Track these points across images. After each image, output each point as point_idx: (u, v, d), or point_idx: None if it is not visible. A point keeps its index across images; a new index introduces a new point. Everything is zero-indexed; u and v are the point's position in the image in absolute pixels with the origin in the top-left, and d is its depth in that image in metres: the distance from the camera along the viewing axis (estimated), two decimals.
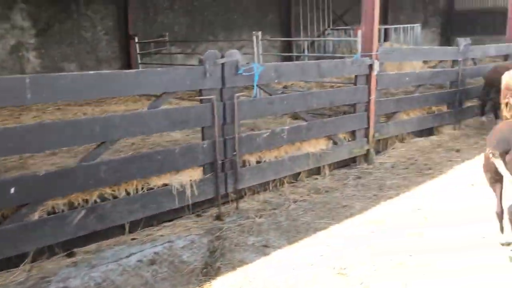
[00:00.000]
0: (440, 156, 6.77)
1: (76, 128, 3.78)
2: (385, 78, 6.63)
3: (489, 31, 18.86)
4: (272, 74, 5.05)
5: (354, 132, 6.29)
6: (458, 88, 8.00)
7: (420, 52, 7.19)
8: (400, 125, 7.12)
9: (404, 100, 7.07)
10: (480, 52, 8.57)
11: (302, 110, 5.56)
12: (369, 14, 6.18)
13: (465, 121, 8.49)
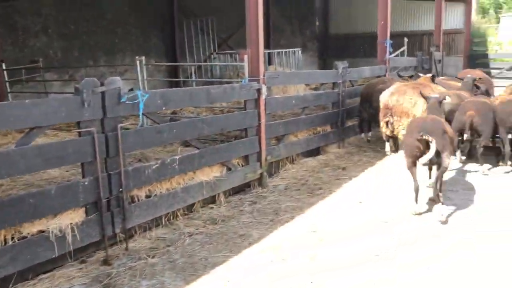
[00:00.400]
0: (328, 175, 6.97)
1: None
2: (273, 102, 6.70)
3: (360, 54, 20.57)
4: (158, 101, 4.77)
5: (247, 156, 6.21)
6: (339, 108, 8.40)
7: (304, 76, 7.43)
8: (290, 147, 7.23)
9: (292, 122, 7.21)
10: (357, 74, 9.13)
11: (193, 137, 5.34)
12: (254, 39, 6.21)
13: (348, 139, 8.93)
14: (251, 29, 6.19)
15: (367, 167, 7.36)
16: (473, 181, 6.43)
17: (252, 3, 6.14)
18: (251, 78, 6.23)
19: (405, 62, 12.13)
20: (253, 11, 6.14)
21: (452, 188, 6.13)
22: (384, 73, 10.41)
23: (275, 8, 16.55)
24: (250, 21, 6.18)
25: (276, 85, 7.68)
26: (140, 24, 11.57)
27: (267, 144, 6.60)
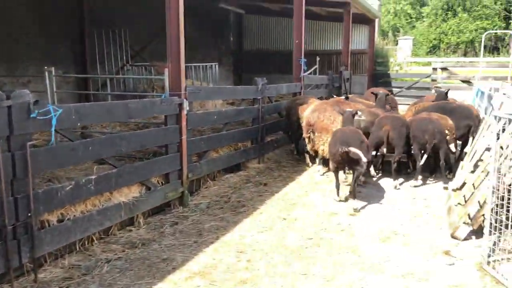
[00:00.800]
0: (251, 192, 6.90)
1: None
2: (195, 117, 6.51)
3: (274, 70, 21.02)
4: (73, 116, 4.37)
5: (168, 174, 5.94)
6: (259, 124, 8.42)
7: (225, 91, 7.34)
8: (211, 163, 7.06)
9: (214, 138, 7.06)
10: (275, 91, 9.24)
11: (110, 155, 4.97)
12: (175, 53, 6.00)
13: (267, 155, 8.97)
14: (172, 43, 5.98)
15: (287, 182, 7.41)
16: (384, 194, 6.74)
17: (173, 17, 5.94)
18: (172, 92, 6.00)
19: (318, 80, 12.56)
20: (174, 25, 5.94)
21: (366, 200, 6.36)
22: (299, 90, 10.68)
23: (190, 22, 16.35)
24: (171, 35, 5.96)
25: (198, 101, 7.50)
26: (47, 32, 10.74)
27: (189, 161, 6.38)
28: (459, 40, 32.43)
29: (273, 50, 20.97)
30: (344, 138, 6.06)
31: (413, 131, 7.00)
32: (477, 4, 32.53)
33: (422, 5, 36.69)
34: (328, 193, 6.81)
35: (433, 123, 6.89)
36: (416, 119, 7.17)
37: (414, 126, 7.04)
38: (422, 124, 6.98)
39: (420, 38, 33.85)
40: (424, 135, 6.88)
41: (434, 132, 6.83)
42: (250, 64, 21.05)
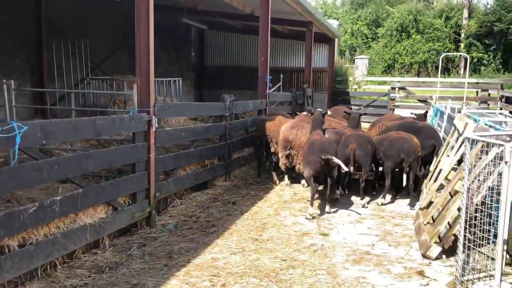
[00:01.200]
0: (219, 211, 6.75)
1: None
2: (163, 134, 6.32)
3: (235, 86, 21.05)
4: (38, 134, 4.11)
5: (135, 194, 5.71)
6: (226, 141, 8.31)
7: (194, 108, 7.20)
8: (179, 181, 6.87)
9: (182, 156, 6.88)
10: (242, 108, 9.17)
11: (77, 174, 4.71)
12: (144, 68, 5.83)
13: (234, 172, 8.85)
14: (141, 58, 5.81)
15: (256, 201, 7.30)
16: (353, 213, 6.76)
17: (142, 31, 5.79)
18: (141, 109, 5.81)
19: (282, 97, 12.62)
20: (144, 40, 5.79)
21: (336, 219, 6.36)
22: (265, 107, 10.67)
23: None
24: (140, 50, 5.79)
25: (167, 117, 7.31)
26: (1, 42, 10.25)
27: (156, 179, 6.17)
28: (412, 60, 33.61)
29: (234, 66, 21.05)
30: (323, 147, 6.45)
31: (387, 150, 7.03)
32: (429, 26, 33.94)
33: (378, 26, 37.89)
34: (297, 212, 6.76)
35: (408, 142, 6.99)
36: (390, 138, 7.14)
37: (387, 144, 7.05)
38: (397, 143, 7.00)
39: (376, 57, 34.86)
40: (400, 154, 6.93)
41: (409, 151, 6.94)
42: (211, 80, 21.00)
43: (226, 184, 8.27)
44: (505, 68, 32.95)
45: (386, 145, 7.08)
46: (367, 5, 40.22)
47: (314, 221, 6.39)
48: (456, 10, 34.67)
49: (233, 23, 18.98)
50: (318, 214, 6.64)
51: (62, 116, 10.20)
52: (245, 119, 9.64)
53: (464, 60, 31.50)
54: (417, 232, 5.74)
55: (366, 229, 6.12)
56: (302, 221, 6.37)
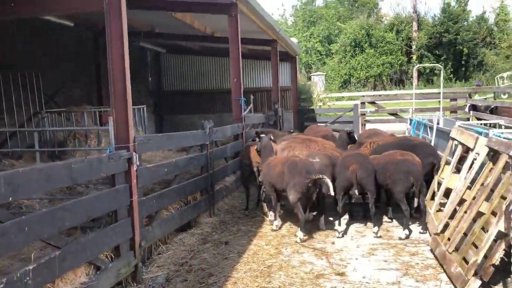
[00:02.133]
0: (213, 255, 5.92)
1: None
2: (145, 173, 5.47)
3: (196, 110, 20.30)
4: (2, 190, 3.22)
5: (119, 246, 4.82)
6: (208, 171, 7.53)
7: (175, 139, 6.39)
8: (164, 224, 6.01)
9: (165, 194, 6.03)
10: (221, 134, 8.43)
11: (53, 233, 3.81)
12: (120, 97, 5.01)
13: (217, 205, 8.05)
14: (116, 87, 5.00)
15: (251, 238, 6.53)
16: (360, 243, 6.13)
17: (116, 55, 4.99)
18: (119, 145, 4.98)
19: (256, 119, 11.99)
20: (118, 65, 4.99)
21: (346, 253, 5.70)
22: (241, 131, 9.99)
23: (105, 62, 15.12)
24: (114, 77, 4.98)
25: (148, 152, 6.47)
26: None
27: (140, 225, 5.30)
28: (368, 74, 34.10)
29: (194, 90, 20.32)
30: (308, 168, 6.28)
31: (394, 174, 6.40)
32: (382, 40, 34.62)
33: (330, 43, 38.32)
34: (301, 248, 6.05)
35: (415, 165, 6.40)
36: (396, 160, 6.51)
37: (393, 168, 6.42)
38: (404, 165, 6.39)
39: (332, 73, 35.13)
40: (409, 177, 6.32)
41: (419, 174, 6.37)
42: (171, 105, 20.18)
43: (211, 220, 7.45)
44: (456, 77, 34.03)
45: (392, 169, 6.43)
46: (319, 22, 40.70)
47: (323, 257, 5.69)
48: (405, 23, 35.64)
49: (192, 45, 18.29)
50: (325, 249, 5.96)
51: (14, 158, 9.08)
52: (224, 146, 8.91)
53: (438, 70, 32.28)
54: (443, 262, 5.15)
55: (383, 262, 5.48)
56: (309, 259, 5.65)
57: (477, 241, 4.86)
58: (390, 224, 7.02)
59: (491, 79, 32.15)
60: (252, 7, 10.42)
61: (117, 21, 4.92)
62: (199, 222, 7.25)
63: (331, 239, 6.38)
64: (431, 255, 5.64)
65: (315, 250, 5.95)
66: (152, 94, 19.79)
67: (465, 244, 4.99)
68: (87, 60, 14.42)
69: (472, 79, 33.55)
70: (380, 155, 7.05)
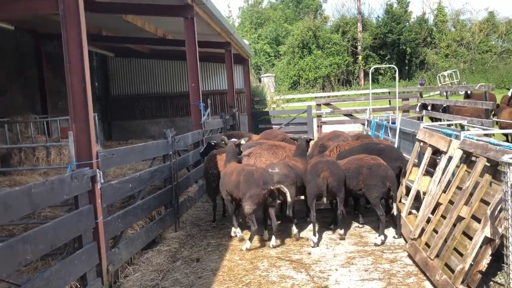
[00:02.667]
0: (185, 274, 5.54)
1: None
2: (109, 190, 5.01)
3: (146, 115, 19.65)
4: None
5: (85, 275, 4.36)
6: (172, 183, 7.13)
7: (137, 151, 5.94)
8: (131, 244, 5.56)
9: (131, 212, 5.58)
10: (183, 142, 8.04)
11: (11, 270, 3.32)
12: (80, 110, 4.56)
13: (182, 218, 7.66)
14: (76, 97, 4.54)
15: (223, 253, 6.20)
16: (335, 252, 5.98)
17: (75, 63, 4.53)
18: (80, 162, 4.52)
19: (216, 124, 11.64)
20: (78, 74, 4.53)
21: (323, 263, 5.51)
22: (202, 138, 9.63)
23: (48, 68, 14.28)
24: (74, 87, 4.54)
25: (111, 168, 5.97)
26: None
27: (107, 249, 4.85)
28: (316, 75, 34.54)
29: (144, 94, 19.64)
30: (264, 178, 6.10)
31: (368, 179, 6.27)
32: (328, 41, 35.18)
33: (278, 44, 38.52)
34: (278, 261, 5.79)
35: (389, 169, 6.30)
36: (369, 165, 6.37)
37: (367, 172, 6.28)
38: (379, 170, 6.26)
39: (281, 75, 35.30)
40: (385, 182, 6.21)
41: (393, 178, 6.29)
42: (120, 110, 19.43)
43: (178, 235, 7.03)
44: (400, 76, 35.15)
45: (366, 174, 6.30)
46: (266, 24, 40.81)
47: (302, 270, 5.46)
48: (351, 24, 36.41)
49: (141, 48, 17.63)
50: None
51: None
52: (186, 155, 8.50)
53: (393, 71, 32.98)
54: (425, 269, 5.06)
55: (364, 272, 5.32)
56: (288, 273, 5.41)
57: (459, 246, 4.82)
58: (362, 229, 6.92)
59: (433, 77, 33.52)
60: (208, 9, 10.10)
61: (74, 26, 4.48)
62: (165, 237, 6.83)
63: (306, 249, 6.17)
64: (410, 261, 5.56)
65: (292, 262, 5.72)
66: (99, 99, 18.91)
67: (446, 249, 4.93)
68: (29, 66, 13.50)
69: (415, 78, 34.83)
70: (349, 158, 6.93)
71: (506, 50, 36.38)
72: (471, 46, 36.13)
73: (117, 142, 16.88)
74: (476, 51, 35.95)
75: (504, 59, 35.43)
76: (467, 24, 38.51)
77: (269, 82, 28.38)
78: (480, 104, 9.91)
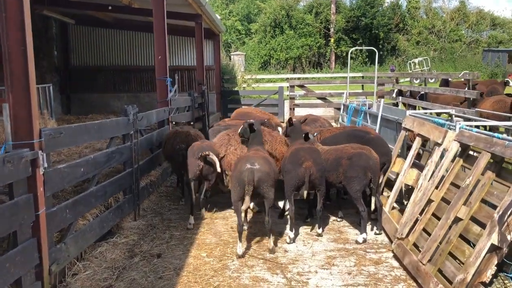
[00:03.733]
0: (144, 273, 4.83)
1: None
2: (56, 176, 4.20)
3: (109, 88, 18.50)
4: None
5: (20, 281, 3.58)
6: (133, 167, 6.34)
7: (92, 130, 5.09)
8: (81, 238, 4.77)
9: (82, 201, 4.78)
10: (146, 121, 7.22)
11: None
12: (19, 79, 3.72)
13: (143, 205, 6.91)
14: (14, 64, 3.69)
15: (188, 248, 5.51)
16: (317, 250, 5.40)
17: (12, 24, 3.67)
18: (18, 142, 3.70)
19: (183, 102, 10.80)
20: (16, 36, 3.67)
21: (307, 268, 4.92)
22: (167, 116, 8.82)
23: None
24: (11, 50, 3.67)
25: (59, 149, 5.12)
26: None
27: (50, 245, 4.07)
28: (287, 56, 33.85)
29: (107, 66, 18.42)
30: (201, 148, 6.16)
31: (348, 170, 5.66)
32: (301, 22, 34.45)
33: (250, 22, 37.50)
34: (250, 259, 5.16)
35: (372, 159, 5.72)
36: (351, 153, 5.73)
37: (347, 163, 5.70)
38: (361, 159, 5.64)
39: (252, 54, 34.41)
40: (367, 173, 5.64)
41: (376, 170, 5.72)
42: (81, 82, 18.16)
43: (137, 225, 6.28)
44: (370, 61, 34.94)
45: (346, 164, 5.72)
46: (238, 0, 39.61)
47: (278, 271, 4.84)
48: (324, 6, 35.74)
49: (104, 16, 16.39)
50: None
51: None
52: (150, 135, 7.68)
53: (373, 53, 32.65)
54: (417, 275, 4.53)
55: (347, 275, 4.75)
56: (262, 274, 4.78)
57: (455, 251, 4.31)
58: (341, 223, 6.37)
59: (403, 64, 33.47)
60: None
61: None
62: (123, 227, 6.07)
63: (281, 246, 5.56)
64: (396, 263, 5.03)
65: (266, 261, 5.09)
66: (58, 70, 17.59)
67: (440, 253, 4.43)
68: None
69: (386, 64, 34.70)
70: (328, 148, 6.32)
71: (475, 40, 36.70)
72: (442, 34, 36.24)
73: (76, 117, 15.77)
74: (446, 39, 36.08)
75: (473, 49, 35.74)
76: (439, 12, 38.55)
77: (239, 60, 27.49)
78: (463, 93, 9.51)
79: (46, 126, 9.65)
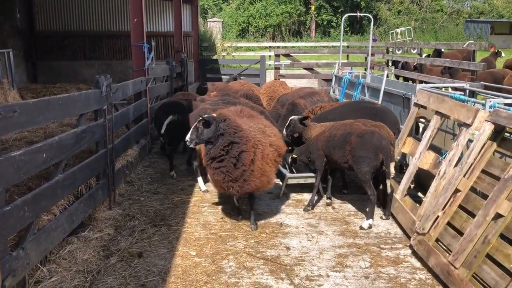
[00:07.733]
0: (122, 279, 4.02)
1: None
2: (9, 167, 3.29)
3: (78, 55, 17.20)
4: None
5: None
6: (107, 147, 5.44)
7: (56, 106, 4.15)
8: (45, 238, 3.90)
9: (45, 194, 3.88)
10: (121, 93, 6.27)
11: None
12: None
13: (119, 190, 6.05)
14: None
15: (174, 245, 4.71)
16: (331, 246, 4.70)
17: None
18: None
19: (161, 71, 9.79)
20: None
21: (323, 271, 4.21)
22: (145, 87, 7.87)
23: None
24: None
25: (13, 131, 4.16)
26: None
27: (3, 253, 3.20)
28: (267, 23, 32.64)
29: (76, 31, 17.00)
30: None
31: (357, 148, 4.95)
32: None
33: None
34: (248, 259, 4.41)
35: (386, 140, 5.01)
36: (362, 130, 5.01)
37: (357, 142, 4.97)
38: (371, 139, 4.95)
39: (229, 20, 33.04)
40: (378, 154, 4.93)
41: (389, 151, 5.01)
42: (47, 49, 16.75)
43: (113, 214, 5.43)
44: (351, 30, 34.09)
45: (355, 142, 5.00)
46: None
47: (282, 275, 4.11)
48: None
49: None
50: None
51: None
52: (126, 109, 6.74)
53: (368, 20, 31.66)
54: (448, 281, 3.85)
55: (364, 280, 4.06)
56: (265, 280, 4.04)
57: (496, 253, 3.65)
58: (346, 213, 5.66)
59: (384, 34, 32.74)
60: None
61: None
62: (96, 218, 5.19)
63: (281, 240, 4.82)
64: (417, 262, 4.37)
65: (267, 261, 4.36)
66: (21, 35, 16.10)
67: (475, 255, 3.76)
68: None
69: (367, 33, 33.88)
70: (335, 123, 5.59)
71: (456, 10, 36.18)
72: (423, 4, 35.54)
73: (43, 85, 14.49)
74: (428, 9, 35.42)
75: (454, 19, 35.25)
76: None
77: (216, 27, 26.23)
78: (466, 65, 8.83)
79: (6, 97, 8.56)
